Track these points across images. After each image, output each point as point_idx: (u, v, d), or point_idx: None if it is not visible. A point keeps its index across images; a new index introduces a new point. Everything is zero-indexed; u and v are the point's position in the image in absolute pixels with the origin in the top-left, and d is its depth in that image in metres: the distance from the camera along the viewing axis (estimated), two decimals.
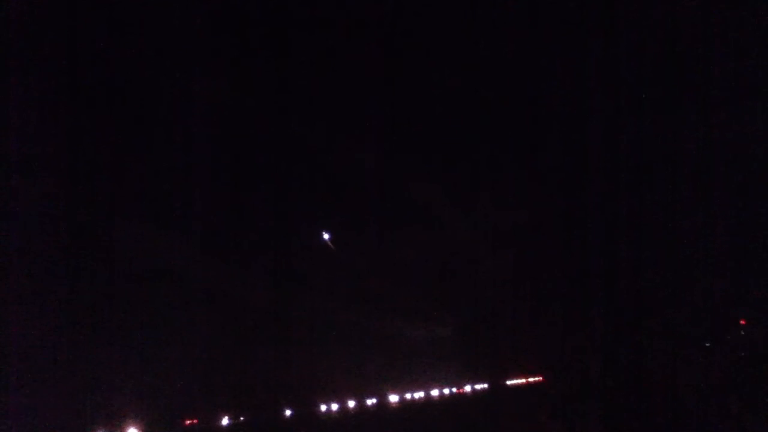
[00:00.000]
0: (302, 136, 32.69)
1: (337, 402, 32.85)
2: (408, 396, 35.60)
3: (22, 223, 25.50)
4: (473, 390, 37.96)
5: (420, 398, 36.02)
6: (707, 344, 37.21)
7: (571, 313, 37.94)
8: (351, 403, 33.36)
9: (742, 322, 36.89)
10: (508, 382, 39.23)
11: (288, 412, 31.26)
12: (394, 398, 35.00)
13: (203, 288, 29.84)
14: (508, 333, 37.77)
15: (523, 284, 38.02)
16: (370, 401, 34.10)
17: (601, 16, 35.59)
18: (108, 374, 26.76)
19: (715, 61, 35.27)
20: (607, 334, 37.28)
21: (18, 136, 25.75)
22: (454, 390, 37.41)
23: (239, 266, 31.10)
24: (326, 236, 33.65)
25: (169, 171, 29.72)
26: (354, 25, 33.55)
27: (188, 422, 28.38)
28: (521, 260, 38.09)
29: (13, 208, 25.37)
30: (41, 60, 26.32)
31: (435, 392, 36.70)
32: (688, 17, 34.98)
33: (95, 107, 27.76)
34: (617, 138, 37.03)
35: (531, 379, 39.52)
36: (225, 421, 29.36)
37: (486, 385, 38.43)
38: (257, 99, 31.80)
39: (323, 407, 32.36)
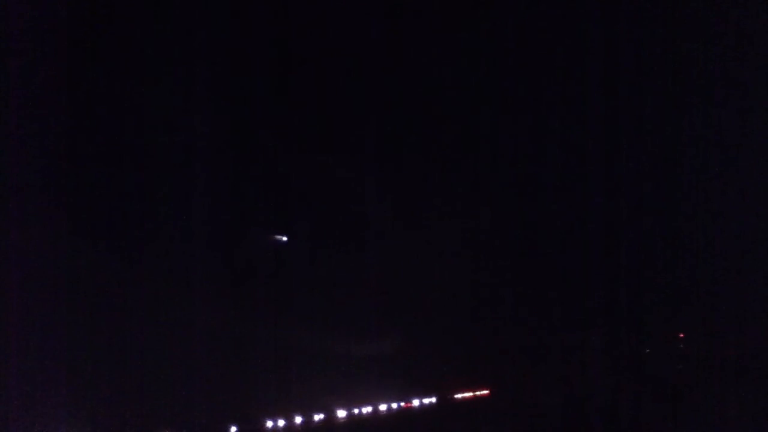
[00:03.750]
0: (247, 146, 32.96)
1: (284, 418, 33.06)
2: (356, 411, 35.90)
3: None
4: (421, 404, 38.38)
5: (367, 413, 36.34)
6: (647, 350, 38.17)
7: (515, 327, 38.50)
8: (298, 419, 33.59)
9: (680, 335, 37.70)
10: (456, 396, 39.71)
11: (233, 429, 31.38)
12: (341, 413, 35.30)
13: (149, 302, 29.93)
14: (453, 347, 38.23)
15: (466, 297, 38.48)
16: (318, 417, 34.34)
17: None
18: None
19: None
20: (550, 345, 37.89)
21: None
22: (402, 404, 37.80)
23: (182, 282, 31.19)
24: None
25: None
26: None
27: None
28: (463, 274, 38.57)
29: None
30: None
31: (383, 407, 37.05)
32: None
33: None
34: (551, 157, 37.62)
35: (477, 393, 40.03)
36: None
37: (434, 399, 38.89)
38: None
39: (269, 423, 32.56)
